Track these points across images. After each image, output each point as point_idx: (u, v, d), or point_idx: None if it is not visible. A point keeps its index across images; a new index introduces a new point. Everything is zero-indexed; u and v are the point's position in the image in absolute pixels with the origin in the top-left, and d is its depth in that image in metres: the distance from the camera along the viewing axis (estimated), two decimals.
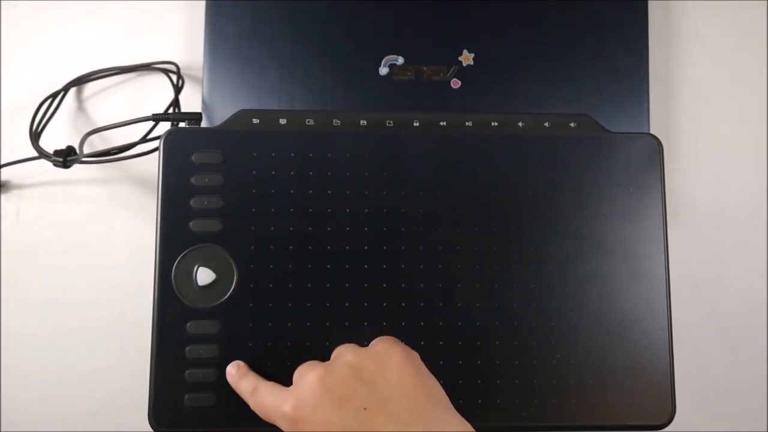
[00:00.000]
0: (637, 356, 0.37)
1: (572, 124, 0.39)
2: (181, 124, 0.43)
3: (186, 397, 0.35)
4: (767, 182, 0.52)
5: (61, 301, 0.50)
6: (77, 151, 0.44)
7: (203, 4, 0.49)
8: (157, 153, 0.37)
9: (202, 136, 0.37)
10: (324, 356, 0.35)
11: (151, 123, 0.44)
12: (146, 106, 0.50)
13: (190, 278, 0.36)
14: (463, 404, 0.36)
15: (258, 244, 0.36)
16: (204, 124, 0.48)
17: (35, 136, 0.46)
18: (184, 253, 0.36)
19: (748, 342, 0.51)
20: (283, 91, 0.49)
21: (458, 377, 0.37)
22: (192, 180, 0.37)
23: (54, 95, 0.49)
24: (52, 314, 0.50)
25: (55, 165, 0.45)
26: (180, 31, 0.52)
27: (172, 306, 0.36)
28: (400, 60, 0.49)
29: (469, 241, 0.37)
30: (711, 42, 0.53)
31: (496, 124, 0.38)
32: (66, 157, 0.45)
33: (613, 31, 0.50)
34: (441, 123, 0.38)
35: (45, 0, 0.52)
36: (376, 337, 0.36)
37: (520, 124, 0.39)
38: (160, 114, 0.39)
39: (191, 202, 0.36)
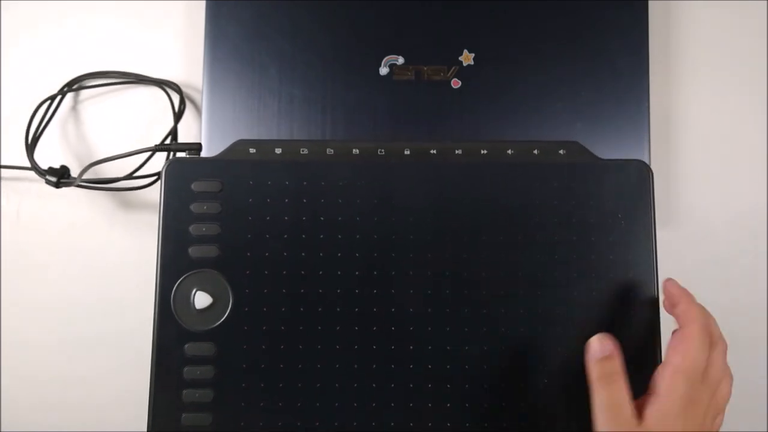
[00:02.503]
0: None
1: (561, 151, 0.39)
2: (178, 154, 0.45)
3: (183, 416, 0.37)
4: None
5: (60, 302, 0.50)
6: (70, 173, 0.45)
7: (204, 4, 0.49)
8: (147, 182, 0.39)
9: (201, 166, 0.39)
10: (314, 379, 0.37)
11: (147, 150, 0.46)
12: (147, 115, 0.51)
13: (188, 302, 0.38)
14: (450, 427, 0.37)
15: (253, 269, 0.38)
16: (204, 126, 0.49)
17: (30, 147, 0.47)
18: (182, 277, 0.38)
19: (748, 342, 0.51)
20: (283, 92, 0.49)
21: (446, 400, 0.37)
22: (191, 207, 0.38)
23: (51, 98, 0.49)
24: (51, 314, 0.50)
25: (47, 183, 0.46)
26: (181, 33, 0.53)
27: (171, 328, 0.37)
28: (401, 60, 0.49)
29: (458, 267, 0.38)
30: (711, 42, 0.54)
31: (485, 152, 0.39)
32: (60, 179, 0.45)
33: (614, 31, 0.50)
34: (431, 151, 0.39)
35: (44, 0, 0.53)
36: (366, 361, 0.37)
37: (509, 151, 0.39)
38: (161, 145, 0.40)
39: (190, 228, 0.38)
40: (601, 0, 0.50)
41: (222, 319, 0.38)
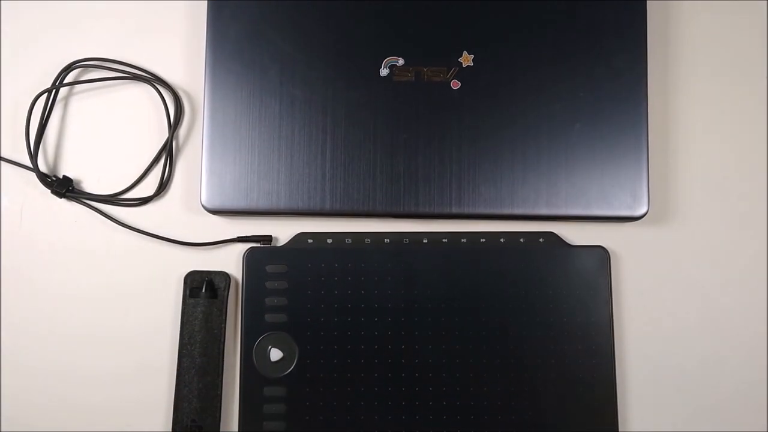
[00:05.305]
0: (587, 414, 0.50)
1: (541, 240, 0.52)
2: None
3: None
4: (767, 179, 0.54)
5: (62, 300, 0.52)
6: (73, 185, 0.50)
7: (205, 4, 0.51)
8: (213, 247, 0.52)
9: (272, 253, 0.52)
10: (359, 412, 0.50)
11: (143, 167, 0.53)
12: (146, 113, 0.54)
13: (265, 355, 0.51)
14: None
15: (313, 331, 0.51)
16: (206, 127, 0.50)
17: (33, 152, 0.49)
18: (261, 337, 0.51)
19: (748, 342, 0.53)
20: (284, 93, 0.50)
21: (457, 424, 0.50)
22: (266, 285, 0.51)
23: (47, 91, 0.51)
24: (53, 313, 0.52)
25: (53, 193, 0.51)
26: (183, 34, 0.54)
27: (253, 376, 0.51)
28: (401, 61, 0.50)
29: (463, 327, 0.51)
30: (709, 42, 0.55)
31: (483, 240, 0.52)
32: (66, 190, 0.50)
33: (612, 31, 0.51)
34: (443, 240, 0.52)
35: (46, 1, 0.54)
36: (397, 397, 0.50)
37: (501, 240, 0.52)
38: (242, 237, 0.53)
39: (266, 300, 0.51)
40: (600, 0, 0.51)
41: (290, 369, 0.51)
